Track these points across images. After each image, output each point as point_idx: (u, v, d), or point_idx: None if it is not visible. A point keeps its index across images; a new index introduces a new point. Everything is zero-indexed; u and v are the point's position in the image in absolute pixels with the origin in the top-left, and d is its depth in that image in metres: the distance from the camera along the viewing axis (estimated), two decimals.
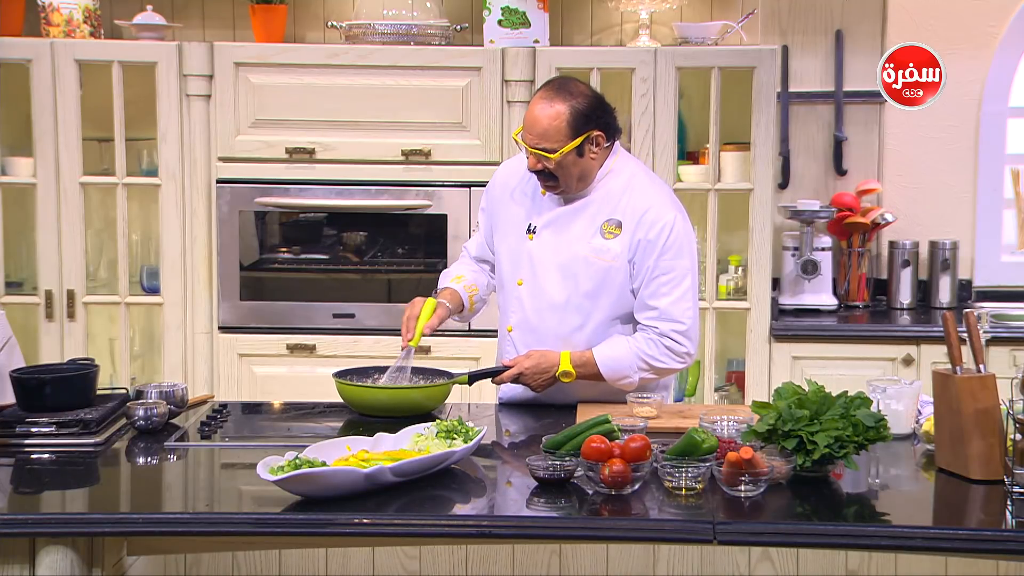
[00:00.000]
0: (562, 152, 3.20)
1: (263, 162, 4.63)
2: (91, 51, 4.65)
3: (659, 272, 3.26)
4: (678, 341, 3.27)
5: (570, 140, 3.20)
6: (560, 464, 2.61)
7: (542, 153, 3.21)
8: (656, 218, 3.27)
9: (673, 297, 3.27)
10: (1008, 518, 2.47)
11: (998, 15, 5.00)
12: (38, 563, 2.48)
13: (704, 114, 4.76)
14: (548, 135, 3.20)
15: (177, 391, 3.19)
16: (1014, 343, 4.48)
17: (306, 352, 4.67)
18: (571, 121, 3.20)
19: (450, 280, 3.49)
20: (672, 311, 3.27)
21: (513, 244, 3.41)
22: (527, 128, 3.24)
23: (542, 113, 3.20)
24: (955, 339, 2.71)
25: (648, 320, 3.28)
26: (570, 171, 3.25)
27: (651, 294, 3.27)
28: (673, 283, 3.27)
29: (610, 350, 3.29)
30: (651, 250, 3.26)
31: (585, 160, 3.26)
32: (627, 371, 3.29)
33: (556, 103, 3.20)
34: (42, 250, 4.68)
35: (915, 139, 5.06)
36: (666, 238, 3.26)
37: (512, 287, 3.42)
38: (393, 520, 2.46)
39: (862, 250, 5.01)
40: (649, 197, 3.31)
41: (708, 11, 5.00)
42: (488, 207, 3.54)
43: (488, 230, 3.54)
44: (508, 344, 3.44)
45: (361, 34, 4.68)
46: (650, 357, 3.28)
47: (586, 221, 3.32)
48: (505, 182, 3.49)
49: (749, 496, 2.53)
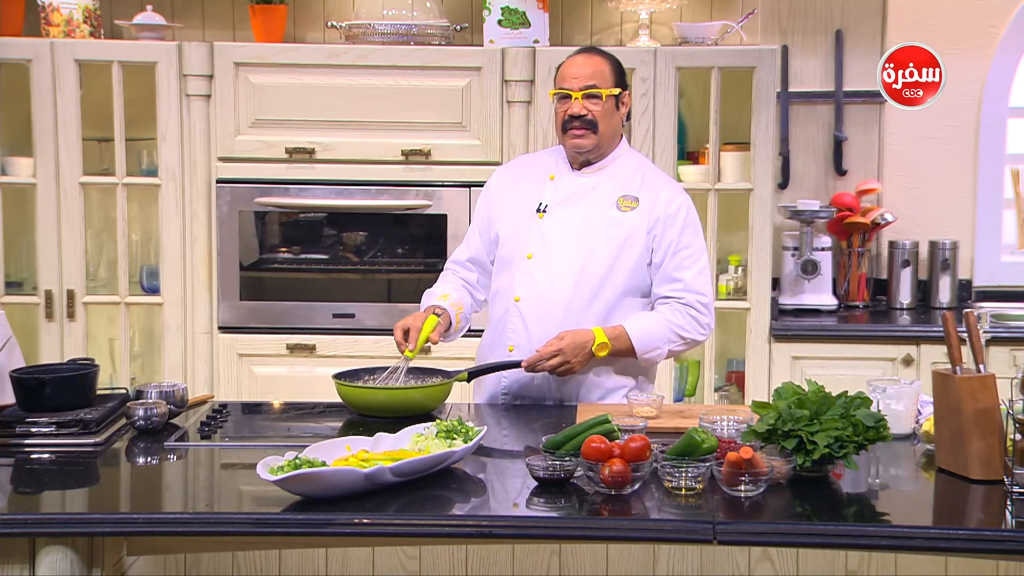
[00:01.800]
0: (610, 92, 3.35)
1: (263, 162, 4.63)
2: (91, 51, 4.65)
3: (683, 246, 3.39)
4: (702, 312, 3.40)
5: (614, 86, 3.38)
6: (560, 464, 2.61)
7: (593, 90, 3.34)
8: (671, 197, 3.42)
9: (695, 270, 3.40)
10: (1008, 518, 2.47)
11: (998, 15, 5.00)
12: (38, 563, 2.48)
13: (704, 114, 4.76)
14: (597, 76, 3.36)
15: (177, 391, 3.19)
16: (1014, 343, 4.48)
17: (306, 352, 4.67)
18: (613, 69, 3.40)
19: (436, 299, 3.47)
20: (695, 284, 3.39)
21: (521, 223, 3.45)
22: (570, 75, 3.38)
23: (587, 61, 3.40)
24: (955, 339, 2.70)
25: (674, 291, 3.39)
26: (610, 120, 3.39)
27: (676, 267, 3.38)
28: (694, 257, 3.41)
29: (641, 323, 3.36)
30: (672, 224, 3.39)
31: (618, 117, 3.43)
32: (658, 342, 3.37)
33: (595, 56, 3.42)
34: (42, 250, 4.68)
35: (915, 139, 5.07)
36: (685, 214, 3.41)
37: (521, 261, 3.43)
38: (393, 520, 2.46)
39: (862, 250, 5.01)
40: (662, 180, 3.49)
41: (708, 11, 5.00)
42: (487, 202, 3.56)
43: (487, 222, 3.54)
44: (515, 316, 3.43)
45: (361, 34, 4.68)
46: (679, 327, 3.37)
47: (601, 196, 3.42)
48: (504, 177, 3.56)
49: (749, 496, 2.53)
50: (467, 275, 3.58)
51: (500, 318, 3.48)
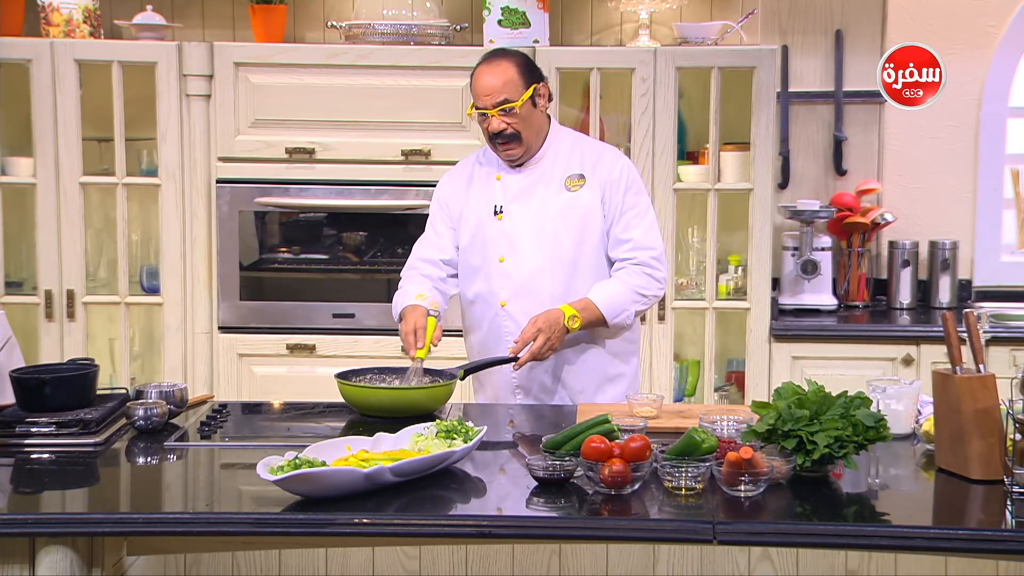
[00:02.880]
0: (523, 99, 3.36)
1: (263, 162, 4.63)
2: (91, 51, 4.65)
3: (627, 208, 3.47)
4: (656, 267, 3.47)
5: (525, 89, 3.39)
6: (560, 464, 2.61)
7: (505, 106, 3.35)
8: (612, 162, 3.50)
9: (643, 228, 3.48)
10: (1008, 518, 2.47)
11: (998, 15, 5.00)
12: (38, 563, 2.48)
13: (704, 114, 4.76)
14: (507, 87, 3.37)
15: (177, 391, 3.19)
16: (1014, 343, 4.48)
17: (306, 352, 4.67)
18: (520, 72, 3.39)
19: (414, 298, 3.46)
20: (645, 240, 3.47)
21: (483, 228, 3.48)
22: (482, 94, 3.39)
23: (492, 72, 3.38)
24: (955, 339, 2.70)
25: (625, 252, 3.47)
26: (531, 123, 3.42)
27: (623, 228, 3.47)
28: (640, 215, 3.48)
29: (603, 290, 3.44)
30: (617, 188, 3.47)
31: (539, 113, 3.45)
32: (624, 304, 3.43)
33: (501, 62, 3.40)
34: (42, 250, 4.68)
35: (915, 139, 5.06)
36: (626, 177, 3.48)
37: (494, 266, 3.47)
38: (393, 520, 2.46)
39: (862, 250, 5.01)
40: (597, 147, 3.56)
41: (708, 11, 5.00)
42: (444, 208, 3.57)
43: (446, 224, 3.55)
44: (505, 319, 3.46)
45: (361, 34, 4.68)
46: (639, 287, 3.45)
47: (547, 183, 3.48)
48: (454, 183, 3.58)
49: (749, 496, 2.53)
50: (434, 272, 3.56)
51: (489, 324, 3.50)
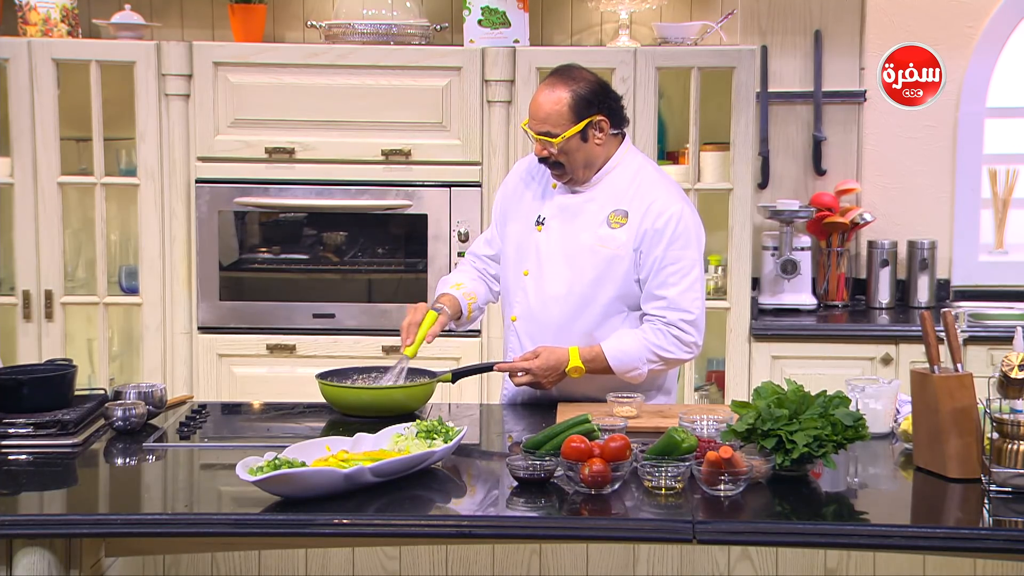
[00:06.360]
0: (564, 137, 3.23)
1: (242, 162, 4.62)
2: (69, 50, 4.62)
3: (667, 262, 3.28)
4: (686, 331, 3.29)
5: (572, 124, 3.24)
6: (540, 464, 2.61)
7: (545, 138, 3.25)
8: (663, 209, 3.29)
9: (681, 287, 3.29)
10: (985, 516, 2.49)
11: (976, 15, 5.02)
12: (15, 564, 2.47)
13: (684, 114, 4.77)
14: (550, 119, 3.24)
15: (156, 392, 3.18)
16: (991, 342, 4.50)
17: (286, 352, 4.66)
18: (573, 105, 3.24)
19: (449, 287, 3.47)
20: (680, 301, 3.28)
21: (523, 234, 3.42)
22: (531, 115, 3.29)
23: (545, 99, 3.26)
24: (933, 338, 2.72)
25: (656, 310, 3.29)
26: (575, 157, 3.28)
27: (659, 284, 3.28)
28: (681, 273, 3.29)
29: (619, 343, 3.29)
30: (658, 240, 3.28)
31: (590, 146, 3.28)
32: (636, 363, 3.29)
33: (558, 88, 3.26)
34: (20, 250, 4.65)
35: (893, 139, 5.08)
36: (673, 228, 3.28)
37: (518, 277, 3.42)
38: (373, 520, 2.46)
39: (841, 250, 5.03)
40: (656, 189, 3.34)
41: (688, 11, 5.01)
42: (502, 198, 3.54)
43: (501, 220, 3.53)
44: (512, 334, 3.45)
45: (341, 34, 4.67)
46: (659, 347, 3.29)
47: (593, 211, 3.34)
48: (522, 173, 3.51)
49: (728, 495, 2.53)
50: (486, 267, 3.57)
51: (505, 331, 3.50)
